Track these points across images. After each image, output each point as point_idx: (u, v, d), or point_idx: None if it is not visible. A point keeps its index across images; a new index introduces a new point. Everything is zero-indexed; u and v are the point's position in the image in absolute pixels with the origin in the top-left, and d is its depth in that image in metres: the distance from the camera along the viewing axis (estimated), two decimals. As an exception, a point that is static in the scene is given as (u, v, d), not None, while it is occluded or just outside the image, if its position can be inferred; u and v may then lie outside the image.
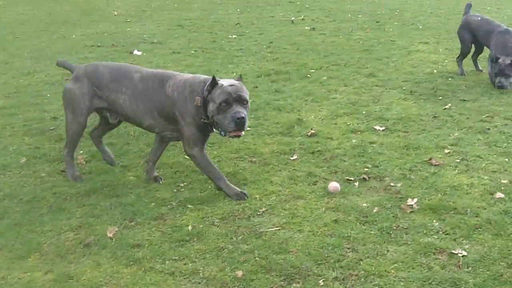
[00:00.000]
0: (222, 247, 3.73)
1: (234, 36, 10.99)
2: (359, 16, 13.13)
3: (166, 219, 4.12)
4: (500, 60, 6.88)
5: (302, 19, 12.81)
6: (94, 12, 14.79)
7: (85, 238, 3.88)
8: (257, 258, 3.58)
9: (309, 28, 11.68)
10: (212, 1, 16.14)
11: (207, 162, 4.41)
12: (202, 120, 4.25)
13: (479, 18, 7.80)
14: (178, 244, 3.80)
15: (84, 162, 5.17)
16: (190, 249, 3.73)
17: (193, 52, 9.64)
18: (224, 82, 4.17)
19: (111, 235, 3.90)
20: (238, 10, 14.47)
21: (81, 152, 5.32)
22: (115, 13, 14.41)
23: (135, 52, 9.53)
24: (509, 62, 6.84)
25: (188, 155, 4.48)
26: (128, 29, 12.01)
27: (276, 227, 3.95)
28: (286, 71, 8.12)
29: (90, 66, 4.75)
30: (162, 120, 4.41)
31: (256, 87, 7.33)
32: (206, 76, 4.37)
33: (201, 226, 4.00)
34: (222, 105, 4.07)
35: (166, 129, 4.48)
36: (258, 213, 4.15)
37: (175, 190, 4.57)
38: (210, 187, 4.55)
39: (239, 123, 4.06)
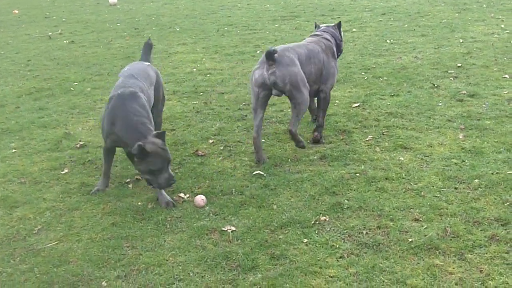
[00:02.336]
0: (0, 271, 3.63)
1: (-13, 58, 10.35)
2: (118, 24, 13.22)
3: None
4: None
5: (60, 34, 12.51)
6: None
7: None
8: (37, 275, 3.56)
9: (67, 41, 11.46)
10: (-42, 25, 14.92)
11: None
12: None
13: None
14: (-50, 280, 3.60)
15: None
16: (-36, 282, 3.56)
17: None
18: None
19: None
20: (-11, 31, 13.61)
21: None
22: None
23: None
24: None
25: (325, 95, 5.41)
26: None
27: (54, 241, 3.95)
28: (48, 87, 7.93)
29: (291, 50, 5.11)
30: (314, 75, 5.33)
31: (18, 107, 7.08)
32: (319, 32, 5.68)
33: (-26, 257, 3.83)
34: None
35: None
36: (34, 232, 4.09)
37: None
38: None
39: None
